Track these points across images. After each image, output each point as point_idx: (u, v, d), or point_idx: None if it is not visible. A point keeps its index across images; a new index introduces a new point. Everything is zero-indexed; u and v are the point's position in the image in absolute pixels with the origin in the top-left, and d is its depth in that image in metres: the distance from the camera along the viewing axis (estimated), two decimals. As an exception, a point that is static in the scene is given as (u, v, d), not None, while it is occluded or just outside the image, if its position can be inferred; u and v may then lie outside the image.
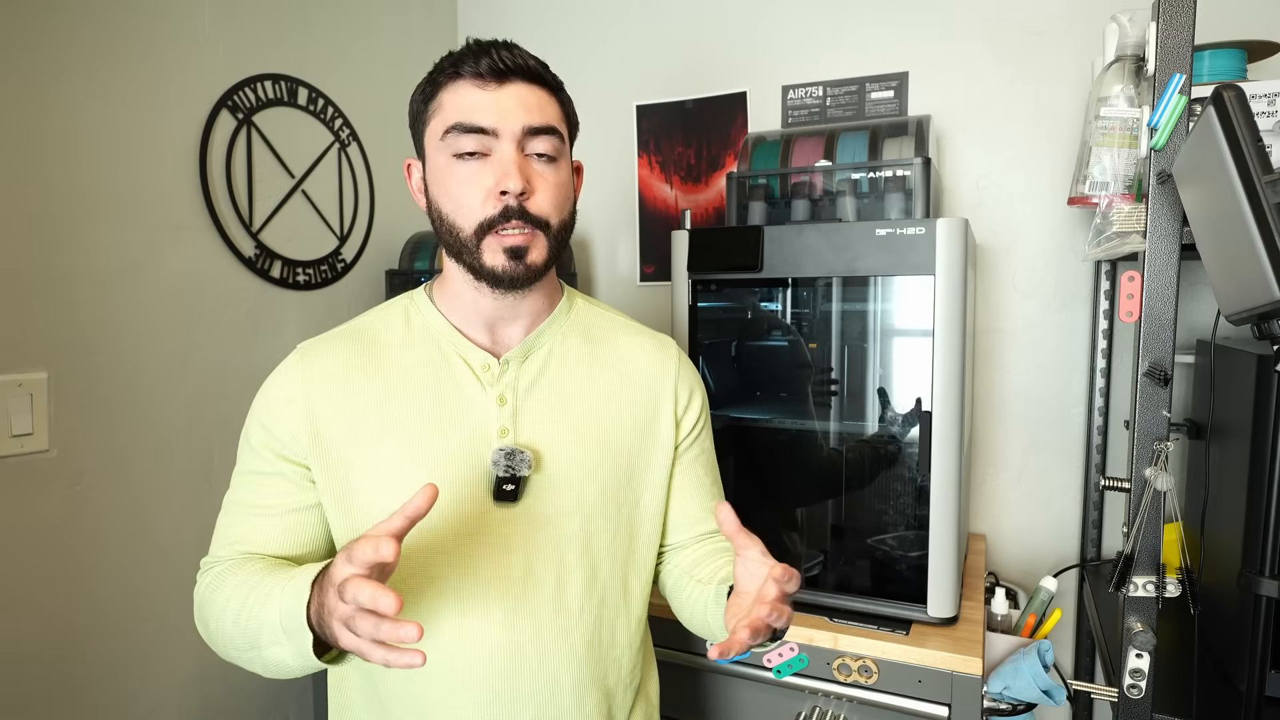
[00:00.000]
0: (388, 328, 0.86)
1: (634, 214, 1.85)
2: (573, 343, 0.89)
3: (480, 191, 0.77)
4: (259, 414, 0.83)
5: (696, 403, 0.94)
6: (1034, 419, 1.55)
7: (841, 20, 1.63)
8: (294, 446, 0.80)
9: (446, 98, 0.79)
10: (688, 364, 0.96)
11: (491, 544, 0.80)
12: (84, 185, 1.19)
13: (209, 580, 0.80)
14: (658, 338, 0.96)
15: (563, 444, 0.84)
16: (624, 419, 0.88)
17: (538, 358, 0.86)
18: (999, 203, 1.54)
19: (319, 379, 0.81)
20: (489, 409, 0.82)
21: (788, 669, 1.19)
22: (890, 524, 1.25)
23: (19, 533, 1.12)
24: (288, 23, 1.52)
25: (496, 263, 0.78)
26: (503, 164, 0.77)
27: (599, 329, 0.92)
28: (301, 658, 0.68)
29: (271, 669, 0.74)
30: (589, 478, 0.84)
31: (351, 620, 0.60)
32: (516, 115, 0.78)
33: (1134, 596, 0.93)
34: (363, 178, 1.69)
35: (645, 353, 0.93)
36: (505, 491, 0.80)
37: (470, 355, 0.84)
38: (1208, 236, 0.75)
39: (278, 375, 0.84)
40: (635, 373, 0.91)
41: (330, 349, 0.84)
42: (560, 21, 1.90)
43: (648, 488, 0.90)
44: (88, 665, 1.21)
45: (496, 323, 0.85)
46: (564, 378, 0.87)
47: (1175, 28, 0.87)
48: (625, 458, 0.87)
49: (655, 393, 0.91)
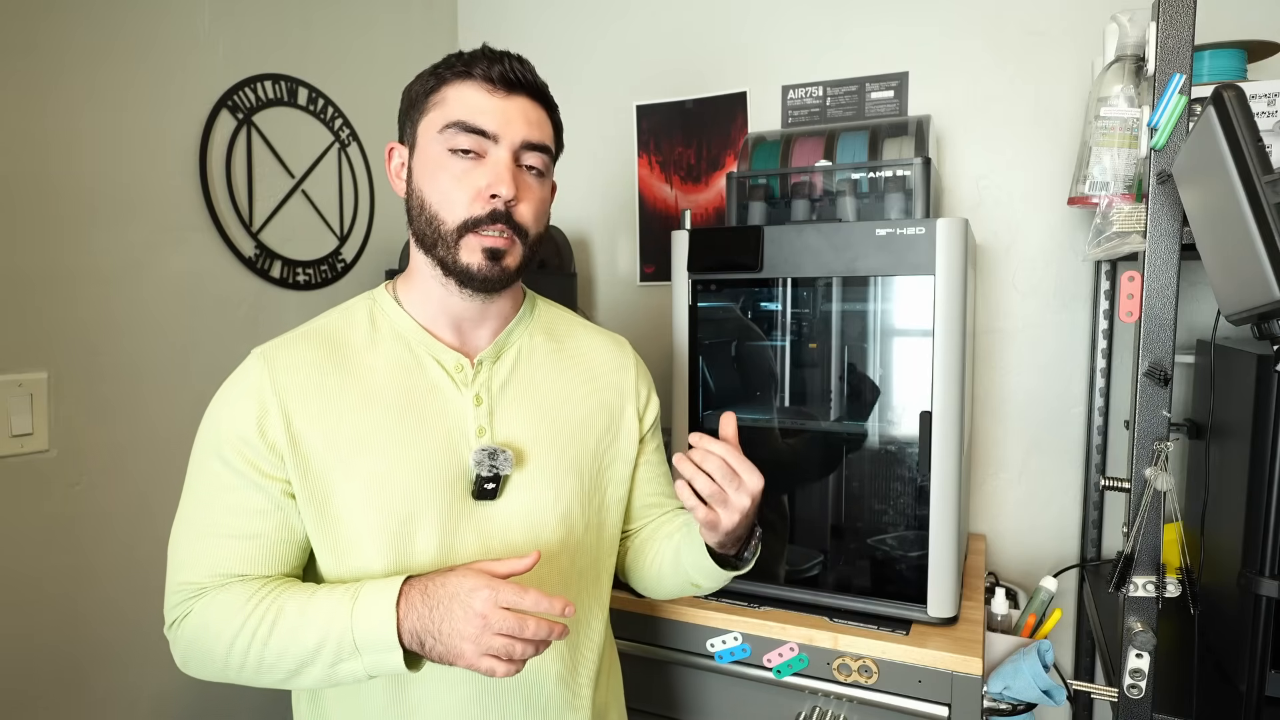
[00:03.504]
0: (352, 327, 0.85)
1: (634, 214, 1.85)
2: (539, 342, 0.92)
3: (469, 190, 0.79)
4: (228, 424, 0.78)
5: (655, 397, 1.01)
6: (1034, 419, 1.55)
7: (841, 20, 1.63)
8: (271, 457, 0.77)
9: (451, 93, 0.80)
10: (641, 363, 1.02)
11: (474, 542, 0.82)
12: (84, 185, 1.19)
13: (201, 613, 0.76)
14: (614, 337, 1.01)
15: (538, 441, 0.86)
16: (592, 414, 0.91)
17: (508, 357, 0.88)
18: (999, 203, 1.54)
19: (288, 382, 0.79)
20: (465, 409, 0.83)
21: (788, 669, 1.20)
22: (890, 524, 1.25)
23: (19, 533, 1.12)
24: (287, 22, 1.52)
25: (473, 261, 0.79)
26: (497, 169, 0.79)
27: (561, 329, 0.96)
28: (382, 669, 0.72)
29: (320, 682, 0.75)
30: (564, 472, 0.87)
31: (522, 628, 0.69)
32: (518, 126, 0.80)
33: (1134, 596, 0.93)
34: (363, 178, 1.69)
35: (606, 351, 0.98)
36: (486, 490, 0.82)
37: (443, 356, 0.84)
38: (1208, 236, 0.75)
39: (240, 383, 0.80)
40: (598, 370, 0.95)
41: (294, 350, 0.81)
42: (560, 21, 1.90)
43: (614, 479, 0.94)
44: (88, 665, 1.21)
45: (465, 323, 0.86)
46: (534, 376, 0.89)
47: (1175, 28, 0.87)
48: (595, 451, 0.91)
49: (618, 390, 0.95)
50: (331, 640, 0.72)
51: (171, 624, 0.80)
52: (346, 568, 0.80)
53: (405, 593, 0.72)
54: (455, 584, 0.71)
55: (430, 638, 0.70)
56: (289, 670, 0.74)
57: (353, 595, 0.73)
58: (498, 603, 0.69)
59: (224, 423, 0.79)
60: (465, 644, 0.69)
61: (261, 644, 0.74)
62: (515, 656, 0.69)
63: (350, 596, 0.73)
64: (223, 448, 0.78)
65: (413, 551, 0.79)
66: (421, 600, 0.71)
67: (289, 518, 0.80)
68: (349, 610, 0.72)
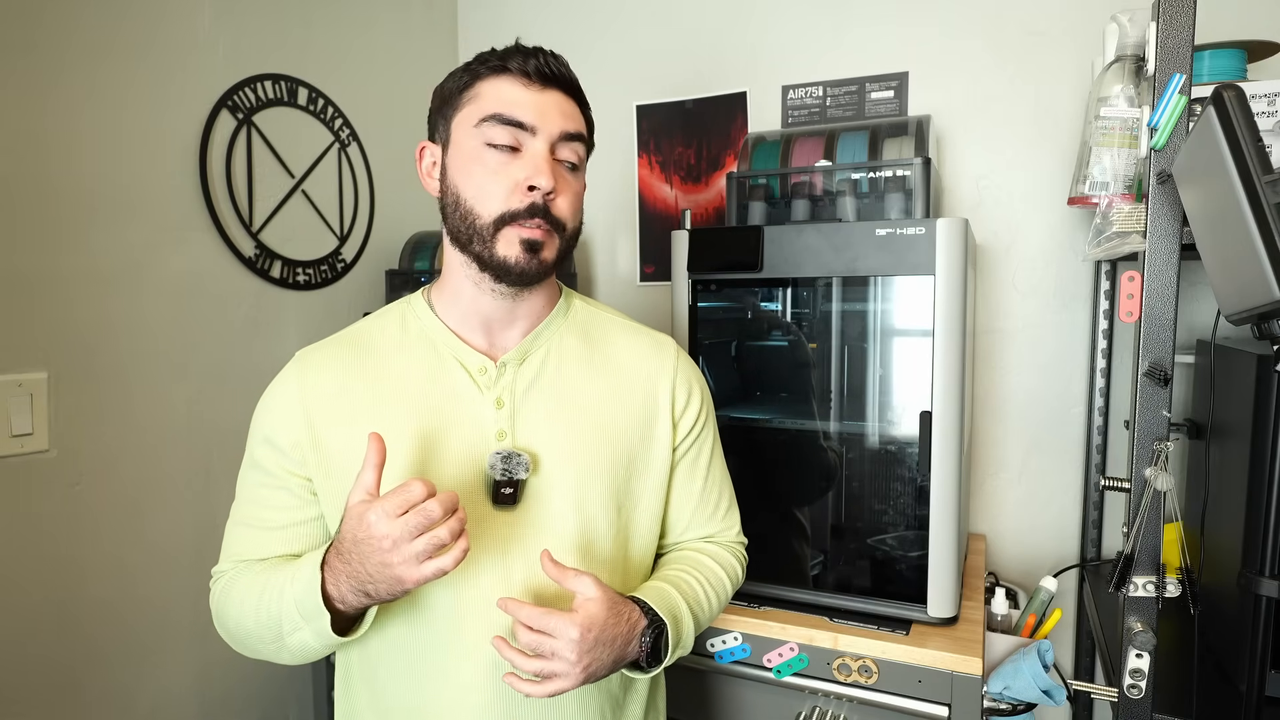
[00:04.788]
0: (383, 332, 0.86)
1: (634, 214, 1.85)
2: (570, 344, 0.88)
3: (507, 183, 0.78)
4: (261, 425, 0.83)
5: (695, 402, 0.93)
6: (1034, 419, 1.55)
7: (841, 20, 1.63)
8: (295, 455, 0.81)
9: (486, 88, 0.80)
10: (687, 362, 0.95)
11: (491, 548, 0.80)
12: (84, 185, 1.19)
13: (222, 586, 0.83)
14: (656, 337, 0.95)
15: (561, 446, 0.83)
16: (622, 420, 0.87)
17: (535, 359, 0.86)
18: (999, 203, 1.54)
19: (315, 385, 0.82)
20: (486, 412, 0.82)
21: (788, 669, 1.19)
22: (890, 524, 1.25)
23: (19, 533, 1.12)
24: (288, 22, 1.52)
25: (510, 253, 0.78)
26: (535, 161, 0.78)
27: (597, 330, 0.92)
28: (321, 638, 0.73)
29: (297, 655, 0.79)
30: (588, 480, 0.83)
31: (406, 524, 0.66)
32: (555, 119, 0.80)
33: (1134, 596, 0.93)
34: (363, 178, 1.69)
35: (643, 353, 0.92)
36: (503, 495, 0.80)
37: (466, 358, 0.83)
38: (1208, 236, 0.75)
39: (277, 384, 0.85)
40: (633, 373, 0.90)
41: (326, 355, 0.85)
42: (560, 21, 1.90)
43: (646, 490, 0.89)
44: (89, 665, 1.21)
45: (494, 324, 0.85)
46: (562, 379, 0.86)
47: (1175, 28, 0.87)
48: (624, 460, 0.86)
49: (653, 394, 0.90)
50: (286, 613, 0.75)
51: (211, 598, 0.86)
52: None
53: (327, 560, 0.73)
54: (347, 527, 0.70)
55: (368, 584, 0.70)
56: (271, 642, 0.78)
57: (292, 573, 0.75)
58: (389, 514, 0.66)
59: (260, 423, 0.84)
60: (394, 568, 0.67)
61: (252, 618, 0.78)
62: (446, 540, 0.67)
63: (290, 575, 0.75)
64: (257, 447, 0.83)
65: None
66: (337, 558, 0.71)
67: (314, 516, 0.83)
68: (290, 580, 0.75)
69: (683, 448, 0.92)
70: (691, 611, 0.86)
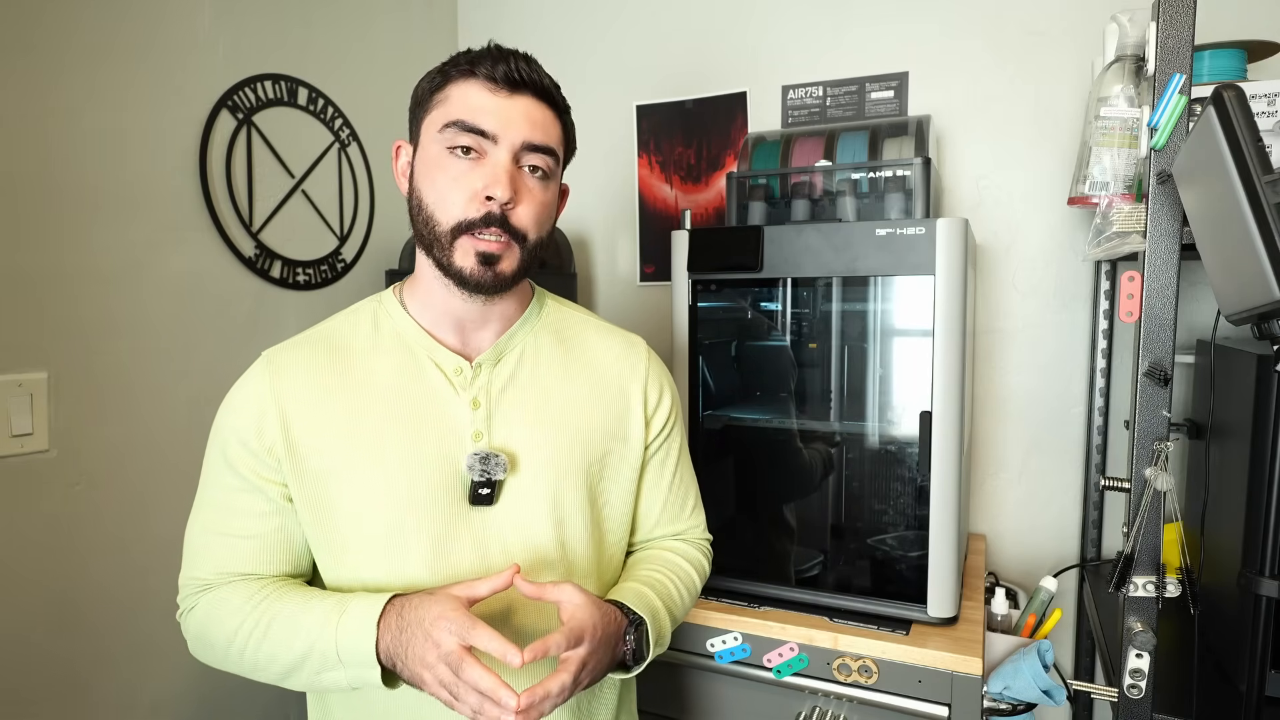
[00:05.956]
0: (355, 332, 0.85)
1: (634, 214, 1.85)
2: (544, 344, 0.89)
3: (466, 191, 0.77)
4: (231, 427, 0.80)
5: (666, 402, 0.95)
6: (1034, 419, 1.55)
7: (841, 20, 1.63)
8: (269, 460, 0.79)
9: (454, 92, 0.79)
10: (658, 363, 0.96)
11: (470, 548, 0.80)
12: (83, 185, 1.19)
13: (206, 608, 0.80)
14: (628, 337, 0.96)
15: (537, 446, 0.84)
16: (596, 420, 0.88)
17: (510, 360, 0.86)
18: (999, 203, 1.54)
19: (289, 387, 0.80)
20: (462, 413, 0.82)
21: (788, 669, 1.20)
22: (890, 524, 1.25)
23: (19, 533, 1.12)
24: (288, 22, 1.52)
25: (466, 264, 0.78)
26: (494, 170, 0.77)
27: (570, 330, 0.93)
28: (361, 683, 0.73)
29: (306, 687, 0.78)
30: (564, 478, 0.84)
31: (456, 688, 0.68)
32: (519, 127, 0.78)
33: (1134, 596, 0.93)
34: (363, 178, 1.69)
35: (616, 353, 0.93)
36: (481, 495, 0.80)
37: (442, 359, 0.83)
38: (1208, 236, 0.75)
39: (246, 385, 0.82)
40: (606, 373, 0.91)
41: (297, 356, 0.82)
42: (560, 21, 1.90)
43: (617, 487, 0.90)
44: (89, 664, 1.21)
45: (468, 325, 0.85)
46: (536, 379, 0.86)
47: (1175, 28, 0.87)
48: (598, 458, 0.87)
49: (625, 393, 0.91)
50: (317, 650, 0.73)
51: (182, 614, 0.83)
52: (344, 571, 0.81)
53: (386, 612, 0.72)
54: (424, 610, 0.70)
55: (399, 660, 0.71)
56: (279, 673, 0.76)
57: (340, 609, 0.74)
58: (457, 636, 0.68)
59: (227, 426, 0.81)
60: (425, 671, 0.69)
61: (255, 647, 0.76)
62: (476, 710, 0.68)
63: (338, 610, 0.74)
64: (227, 450, 0.80)
65: (407, 557, 0.79)
66: (396, 622, 0.71)
67: (288, 520, 0.81)
68: (335, 623, 0.73)
69: (654, 446, 0.94)
70: (667, 609, 0.87)
